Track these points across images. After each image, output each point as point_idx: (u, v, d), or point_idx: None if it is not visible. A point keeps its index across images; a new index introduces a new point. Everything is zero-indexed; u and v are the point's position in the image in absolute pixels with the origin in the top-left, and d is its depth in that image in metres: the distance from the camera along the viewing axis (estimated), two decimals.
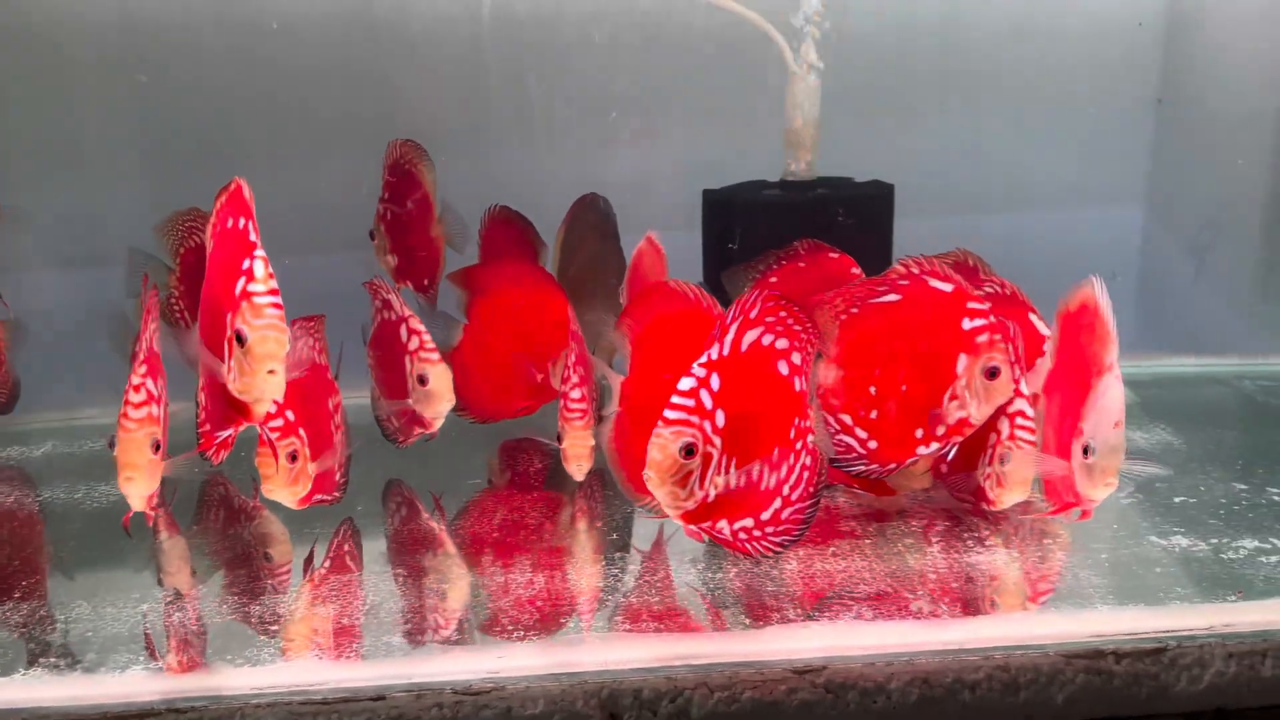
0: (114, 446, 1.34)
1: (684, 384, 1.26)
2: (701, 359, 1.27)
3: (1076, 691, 1.19)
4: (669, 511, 1.29)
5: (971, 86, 2.37)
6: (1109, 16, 2.36)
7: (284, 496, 1.47)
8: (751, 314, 1.29)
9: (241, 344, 1.25)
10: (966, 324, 1.43)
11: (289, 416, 1.45)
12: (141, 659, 1.24)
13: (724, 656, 1.21)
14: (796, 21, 1.97)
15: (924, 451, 1.46)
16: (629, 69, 2.24)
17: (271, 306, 1.25)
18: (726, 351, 1.28)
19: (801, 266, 1.65)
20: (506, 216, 1.91)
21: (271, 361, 1.26)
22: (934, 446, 1.46)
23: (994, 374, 1.42)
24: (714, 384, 1.25)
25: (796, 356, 1.33)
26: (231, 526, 1.59)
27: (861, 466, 1.48)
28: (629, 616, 1.31)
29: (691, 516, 1.29)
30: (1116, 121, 2.43)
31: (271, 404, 1.35)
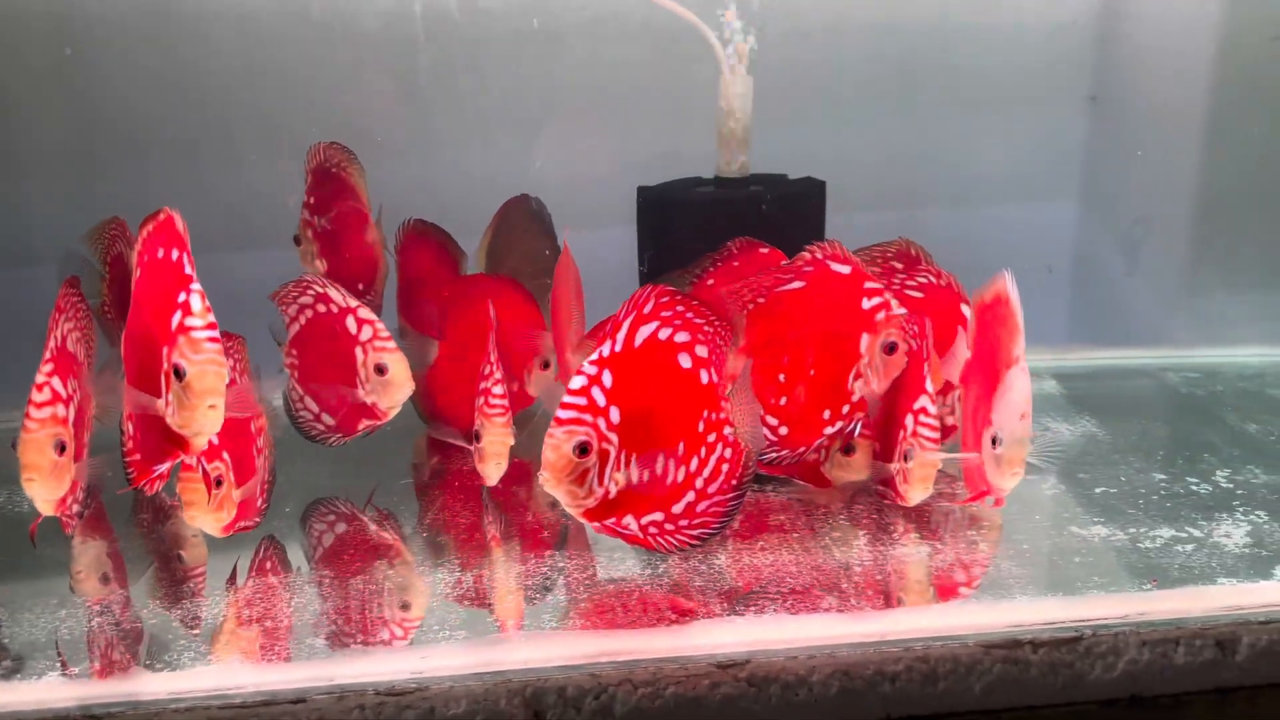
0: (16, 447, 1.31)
1: (575, 382, 1.26)
2: (593, 356, 1.26)
3: (994, 681, 1.21)
4: (570, 510, 1.29)
5: (909, 84, 2.39)
6: (1042, 15, 2.39)
7: (208, 524, 1.43)
8: (645, 309, 1.29)
9: (180, 378, 1.24)
10: (866, 304, 1.47)
11: (213, 440, 1.40)
12: (58, 665, 1.22)
13: (649, 652, 1.22)
14: (732, 20, 1.97)
15: (829, 432, 1.48)
16: (566, 66, 2.24)
17: (210, 341, 1.24)
18: (619, 348, 1.27)
19: (735, 265, 1.66)
20: (421, 230, 1.88)
21: (212, 396, 1.25)
22: (838, 425, 1.49)
23: (891, 349, 1.48)
24: (606, 381, 1.25)
25: (701, 349, 1.32)
26: (160, 530, 1.57)
27: (773, 454, 1.50)
28: (554, 614, 1.32)
29: (594, 514, 1.29)
30: (1051, 118, 2.46)
31: (212, 438, 1.34)
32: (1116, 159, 2.47)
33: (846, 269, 1.48)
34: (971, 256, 1.67)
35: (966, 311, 1.58)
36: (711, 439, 1.34)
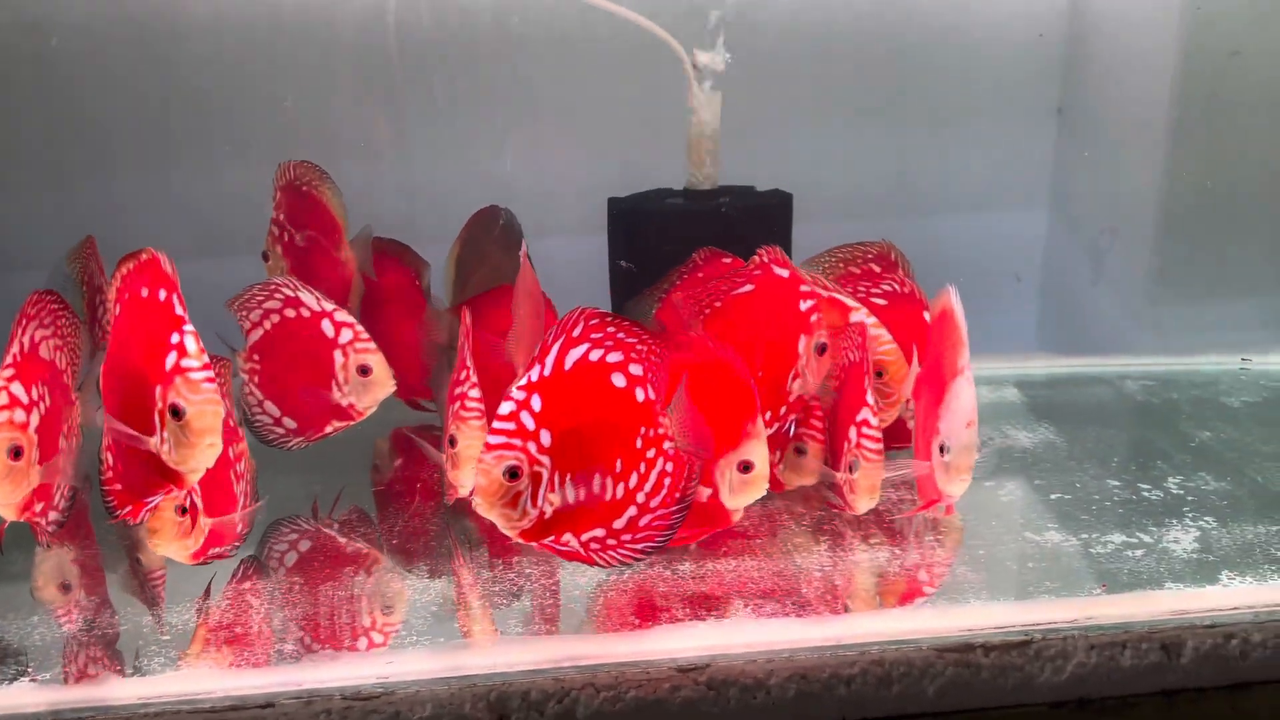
0: None
1: (503, 408, 1.28)
2: (520, 381, 1.28)
3: (946, 684, 1.24)
4: (506, 532, 1.30)
5: (879, 97, 2.44)
6: (1011, 28, 2.44)
7: (174, 552, 1.42)
8: (574, 332, 1.31)
9: (178, 417, 1.27)
10: (803, 305, 1.54)
11: None
12: (29, 671, 1.24)
13: (611, 657, 1.25)
14: (703, 30, 2.00)
15: (768, 432, 1.52)
16: (536, 77, 2.27)
17: (207, 381, 1.28)
18: (549, 372, 1.29)
19: (700, 276, 1.69)
20: (380, 248, 1.90)
21: (211, 435, 1.28)
22: (775, 426, 1.55)
23: (822, 350, 1.55)
24: (535, 405, 1.27)
25: (636, 368, 1.34)
26: (133, 536, 1.58)
27: None
28: (519, 619, 1.35)
29: (530, 534, 1.31)
30: (1020, 130, 2.51)
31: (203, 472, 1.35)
32: (1083, 170, 2.52)
33: (786, 272, 1.55)
34: (941, 266, 1.70)
35: (928, 319, 1.61)
36: (651, 454, 1.35)
